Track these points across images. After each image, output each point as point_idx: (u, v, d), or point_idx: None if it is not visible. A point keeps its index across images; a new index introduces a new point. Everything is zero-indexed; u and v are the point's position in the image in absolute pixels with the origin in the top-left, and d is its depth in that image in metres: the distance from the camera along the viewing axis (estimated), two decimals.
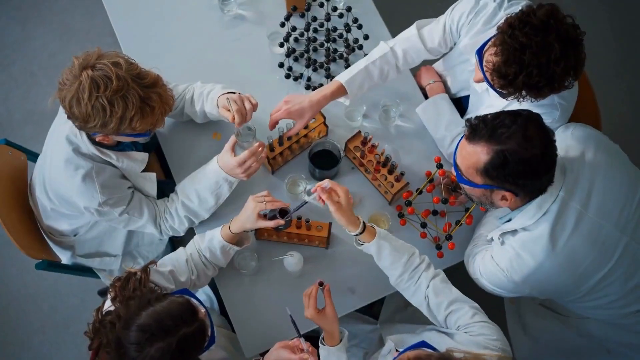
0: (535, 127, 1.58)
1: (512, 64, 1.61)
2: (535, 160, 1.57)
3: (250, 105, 1.98)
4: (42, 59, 3.37)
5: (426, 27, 2.11)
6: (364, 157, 2.12)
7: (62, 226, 2.15)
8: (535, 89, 1.65)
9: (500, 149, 1.57)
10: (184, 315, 1.50)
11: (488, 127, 1.58)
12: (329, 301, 1.82)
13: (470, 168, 1.65)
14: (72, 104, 1.65)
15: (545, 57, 1.59)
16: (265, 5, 2.44)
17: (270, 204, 1.91)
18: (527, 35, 1.59)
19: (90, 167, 1.86)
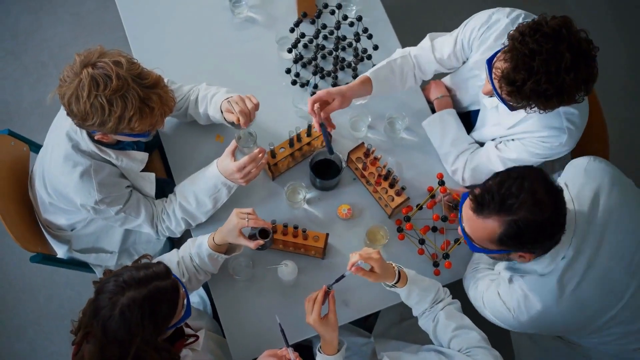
0: (543, 189, 1.51)
1: (521, 70, 1.57)
2: (548, 222, 1.52)
3: (253, 104, 1.97)
4: (53, 49, 3.38)
5: (439, 39, 2.11)
6: (365, 169, 2.10)
7: (59, 220, 2.15)
8: (543, 97, 1.59)
9: (513, 220, 1.50)
10: (157, 270, 1.55)
11: (496, 199, 1.51)
12: (333, 308, 1.79)
13: (483, 240, 1.60)
14: (71, 101, 1.64)
15: (555, 65, 1.54)
16: (276, 9, 2.42)
17: (252, 221, 1.87)
18: (538, 42, 1.55)
19: (88, 164, 1.84)
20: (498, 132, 2.02)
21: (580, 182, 1.75)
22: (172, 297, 1.56)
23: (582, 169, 1.78)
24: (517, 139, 1.94)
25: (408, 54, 2.11)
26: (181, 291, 1.61)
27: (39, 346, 2.89)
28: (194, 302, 2.32)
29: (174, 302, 1.57)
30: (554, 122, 1.82)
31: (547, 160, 1.95)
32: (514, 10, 1.90)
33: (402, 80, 2.11)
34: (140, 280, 1.51)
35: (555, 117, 1.81)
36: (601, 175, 1.75)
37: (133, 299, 1.47)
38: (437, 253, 2.06)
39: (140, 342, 1.49)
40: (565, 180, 1.79)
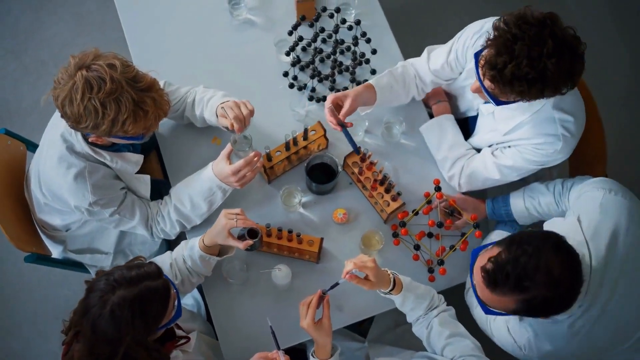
0: (559, 265, 1.45)
1: (503, 54, 1.57)
2: (565, 296, 1.49)
3: (247, 110, 1.96)
4: (54, 48, 3.38)
5: (435, 51, 2.12)
6: (361, 173, 2.09)
7: (54, 221, 2.14)
8: (525, 82, 1.57)
9: (528, 298, 1.46)
10: (148, 270, 1.55)
11: (511, 280, 1.45)
12: (327, 313, 1.78)
13: (498, 308, 1.56)
14: (64, 103, 1.63)
15: (537, 50, 1.54)
16: (275, 11, 2.41)
17: (241, 221, 1.85)
18: (521, 27, 1.56)
19: (83, 166, 1.84)
20: (494, 139, 2.01)
21: (596, 219, 1.67)
22: (163, 297, 1.56)
23: (597, 204, 1.71)
24: (513, 146, 1.93)
25: (409, 64, 2.14)
26: (172, 292, 1.61)
27: (34, 344, 2.89)
28: (188, 304, 2.32)
29: (165, 302, 1.57)
30: (549, 129, 1.81)
31: (544, 167, 1.94)
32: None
33: (405, 88, 2.12)
34: (132, 279, 1.51)
35: (550, 124, 1.80)
36: (618, 212, 1.67)
37: (123, 298, 1.47)
38: (432, 259, 2.05)
39: (130, 341, 1.49)
40: (578, 214, 1.72)
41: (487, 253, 1.54)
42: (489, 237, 2.08)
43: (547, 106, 1.79)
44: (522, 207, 2.02)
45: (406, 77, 2.12)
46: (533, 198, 2.01)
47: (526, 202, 2.02)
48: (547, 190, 1.99)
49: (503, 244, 1.51)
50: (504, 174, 1.99)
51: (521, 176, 2.00)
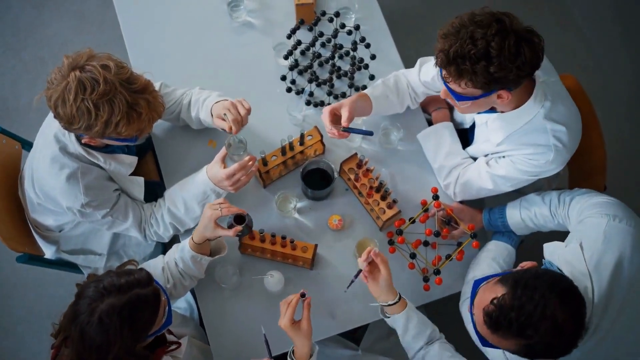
0: (565, 313, 1.42)
1: (449, 37, 1.61)
2: (567, 343, 1.46)
3: (245, 110, 1.94)
4: (54, 46, 3.37)
5: (427, 63, 2.11)
6: (357, 180, 2.07)
7: (47, 221, 2.13)
8: (468, 60, 1.58)
9: (529, 344, 1.44)
10: (138, 277, 1.53)
11: (513, 327, 1.42)
12: (307, 315, 1.76)
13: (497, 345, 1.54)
14: (57, 104, 1.62)
15: (480, 32, 1.57)
16: (275, 14, 2.39)
17: (225, 209, 1.83)
18: (471, 18, 1.61)
19: (76, 167, 1.82)
20: (488, 149, 1.99)
21: (599, 248, 1.63)
22: (153, 305, 1.54)
23: (600, 232, 1.66)
24: (507, 156, 1.91)
25: (401, 74, 2.13)
26: (162, 299, 1.59)
27: (27, 343, 2.87)
28: (180, 307, 2.30)
29: (154, 310, 1.55)
30: (540, 139, 1.79)
31: (540, 178, 1.91)
32: None
33: (399, 97, 2.11)
34: (121, 287, 1.49)
35: (541, 134, 1.78)
36: (622, 240, 1.63)
37: (112, 306, 1.46)
38: (427, 268, 2.03)
39: (118, 349, 1.48)
40: (580, 240, 1.68)
41: (489, 290, 1.51)
42: (486, 247, 2.06)
43: (538, 116, 1.77)
44: (518, 218, 1.99)
45: (400, 87, 2.11)
46: (529, 209, 1.99)
47: (522, 213, 1.99)
48: (542, 202, 1.97)
49: (507, 284, 1.47)
50: (497, 183, 1.97)
51: (515, 187, 1.97)
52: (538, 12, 3.50)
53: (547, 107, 1.76)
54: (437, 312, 2.41)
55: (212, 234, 1.86)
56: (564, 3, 3.56)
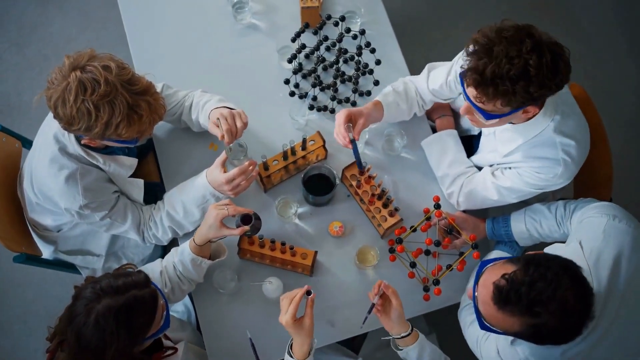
0: (575, 296, 1.40)
1: (483, 57, 1.54)
2: (573, 327, 1.44)
3: (242, 123, 1.92)
4: (58, 43, 3.35)
5: (435, 69, 2.07)
6: (359, 186, 2.05)
7: (45, 221, 2.11)
8: (508, 80, 1.52)
9: (536, 324, 1.41)
10: (135, 279, 1.51)
11: (523, 302, 1.40)
12: (310, 312, 1.71)
13: (497, 326, 1.50)
14: (57, 104, 1.60)
15: (515, 49, 1.51)
16: (280, 16, 2.37)
17: (232, 209, 1.82)
18: (498, 33, 1.55)
19: (75, 168, 1.80)
20: (494, 159, 1.97)
21: (598, 246, 1.62)
22: (150, 307, 1.52)
23: (600, 230, 1.65)
24: (514, 168, 1.89)
25: (409, 81, 2.10)
26: (160, 302, 1.57)
27: (23, 343, 2.86)
28: (178, 310, 2.28)
29: (152, 313, 1.53)
30: (549, 152, 1.76)
31: (546, 191, 1.89)
32: None
33: (408, 104, 2.08)
34: (118, 288, 1.47)
35: (550, 148, 1.75)
36: (621, 239, 1.62)
37: (109, 307, 1.44)
38: (428, 277, 2.00)
39: (114, 352, 1.45)
40: (580, 239, 1.67)
41: (497, 269, 1.48)
42: (488, 256, 2.04)
43: (548, 129, 1.74)
44: (523, 228, 1.97)
45: (409, 94, 2.09)
46: (534, 219, 1.96)
47: (527, 223, 1.97)
48: (549, 212, 1.94)
49: (519, 263, 1.45)
50: (502, 195, 1.94)
51: (520, 199, 1.95)
52: (546, 21, 3.48)
53: (557, 120, 1.73)
54: (437, 322, 2.40)
55: (216, 234, 1.84)
56: (571, 11, 3.53)
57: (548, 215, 1.94)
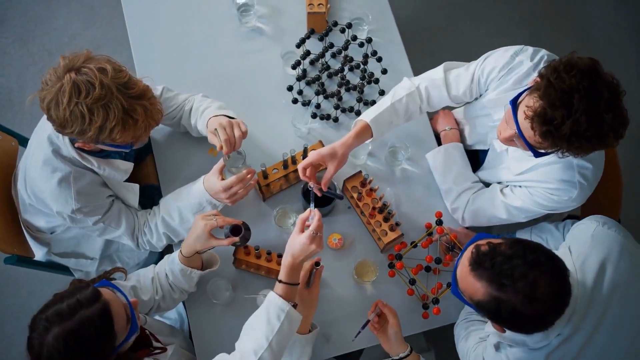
0: (548, 287, 1.36)
1: (559, 108, 1.43)
2: (534, 319, 1.39)
3: (240, 132, 1.86)
4: (62, 39, 3.31)
5: (454, 72, 1.94)
6: (360, 199, 1.99)
7: (38, 222, 2.06)
8: (583, 138, 1.44)
9: (497, 297, 1.38)
10: (81, 298, 1.41)
11: (494, 269, 1.38)
12: (317, 282, 1.80)
13: (465, 291, 1.49)
14: (50, 106, 1.55)
15: (594, 103, 1.42)
16: (285, 21, 2.32)
17: (221, 220, 1.77)
18: (575, 77, 1.43)
19: (68, 171, 1.76)
20: (505, 177, 1.91)
21: (586, 250, 1.60)
22: (103, 323, 1.43)
23: (588, 235, 1.63)
24: (525, 187, 1.82)
25: (416, 88, 1.94)
26: (117, 309, 1.47)
27: (15, 342, 2.82)
28: (171, 318, 2.23)
29: (107, 327, 1.44)
30: (565, 174, 1.69)
31: (554, 212, 1.83)
32: (537, 52, 1.77)
33: (405, 117, 1.97)
34: (63, 313, 1.39)
35: (567, 170, 1.69)
36: (609, 244, 1.60)
37: (57, 338, 1.36)
38: (427, 295, 1.94)
39: None
40: (569, 244, 1.65)
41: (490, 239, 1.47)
42: None
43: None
44: None
45: (410, 106, 1.94)
46: (541, 238, 1.92)
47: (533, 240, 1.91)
48: (557, 231, 1.89)
49: (509, 239, 1.44)
50: (511, 214, 1.88)
51: (529, 218, 1.89)
52: (558, 32, 3.41)
53: None
54: (436, 339, 2.34)
55: (203, 246, 1.79)
56: (584, 24, 3.46)
57: (556, 234, 1.89)
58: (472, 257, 1.43)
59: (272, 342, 1.61)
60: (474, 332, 1.83)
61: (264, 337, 1.61)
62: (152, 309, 1.88)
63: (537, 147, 1.56)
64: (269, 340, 1.60)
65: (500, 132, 1.68)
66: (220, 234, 1.86)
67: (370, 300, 1.98)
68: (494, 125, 1.90)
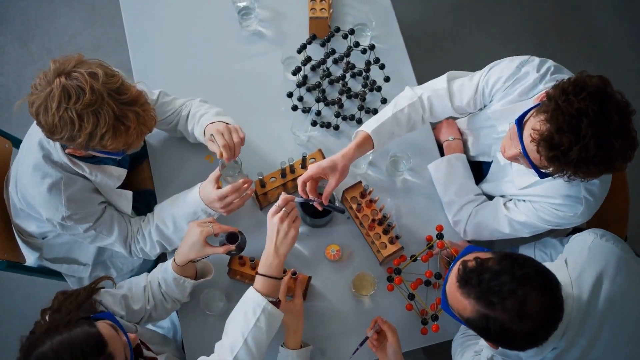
0: (538, 304, 1.31)
1: (566, 133, 1.37)
2: (524, 336, 1.34)
3: (238, 138, 1.81)
4: (63, 38, 3.27)
5: (457, 82, 1.88)
6: (360, 210, 1.94)
7: (30, 227, 2.01)
8: (591, 164, 1.40)
9: (486, 315, 1.34)
10: (86, 350, 1.37)
11: (481, 287, 1.33)
12: (299, 292, 1.78)
13: (454, 307, 1.44)
14: (39, 111, 1.50)
15: (603, 128, 1.36)
16: (287, 25, 2.27)
17: (217, 227, 1.73)
18: (584, 101, 1.37)
19: (59, 177, 1.71)
20: (509, 191, 1.85)
21: (582, 262, 1.55)
22: None
23: (586, 247, 1.58)
24: (530, 201, 1.77)
25: (419, 97, 1.88)
26: (113, 347, 1.42)
27: (6, 346, 2.77)
28: (164, 327, 2.18)
29: None
30: (571, 190, 1.64)
31: (559, 228, 1.77)
32: (544, 63, 1.71)
33: (408, 129, 1.91)
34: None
35: (573, 185, 1.62)
36: (606, 257, 1.55)
37: None
38: (426, 310, 1.89)
39: None
40: (566, 257, 1.60)
41: (478, 254, 1.42)
42: None
43: None
44: None
45: (412, 116, 1.88)
46: (545, 253, 1.87)
47: (537, 256, 1.89)
48: (561, 246, 1.86)
49: (497, 253, 1.40)
50: (515, 229, 1.82)
51: (533, 233, 1.83)
52: (566, 43, 3.35)
53: None
54: (434, 353, 2.29)
55: (198, 254, 1.75)
56: (590, 30, 3.40)
57: (560, 249, 1.85)
58: (459, 273, 1.39)
59: (247, 339, 1.58)
60: (469, 346, 1.79)
61: (240, 333, 1.59)
62: (143, 319, 1.83)
63: (542, 168, 1.51)
64: (244, 337, 1.58)
65: (504, 149, 1.62)
66: (215, 243, 1.82)
67: (368, 314, 1.93)
68: (499, 137, 1.85)
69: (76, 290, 1.64)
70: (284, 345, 1.75)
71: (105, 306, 1.67)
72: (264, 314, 1.60)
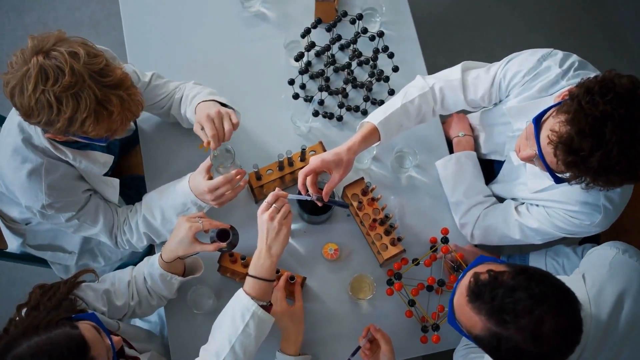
0: (554, 325, 1.21)
1: (588, 137, 1.26)
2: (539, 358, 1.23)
3: (230, 125, 1.69)
4: (60, 12, 3.15)
5: (473, 73, 1.76)
6: (361, 208, 1.82)
7: (12, 212, 1.92)
8: (612, 172, 1.29)
9: (497, 334, 1.23)
10: (66, 354, 1.28)
11: (494, 303, 1.23)
12: (299, 296, 1.73)
13: (462, 322, 1.34)
14: (14, 92, 1.38)
15: (629, 134, 1.25)
16: (292, 7, 2.13)
17: (207, 223, 1.63)
18: (611, 103, 1.26)
19: (39, 162, 1.59)
20: (521, 193, 1.73)
21: (603, 279, 1.45)
22: None
23: (606, 262, 1.48)
24: (543, 206, 1.65)
25: (430, 88, 1.76)
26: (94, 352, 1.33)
27: None
28: (151, 321, 2.08)
29: None
30: (589, 196, 1.52)
31: (573, 236, 1.65)
32: (568, 57, 1.58)
33: (417, 121, 1.79)
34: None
35: (591, 192, 1.49)
36: (629, 275, 1.45)
37: None
38: (427, 318, 1.78)
39: None
40: (584, 271, 1.49)
41: (491, 265, 1.33)
42: None
43: None
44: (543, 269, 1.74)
45: (423, 108, 1.76)
46: (557, 261, 1.77)
47: (548, 264, 1.79)
48: (574, 255, 1.75)
49: (512, 267, 1.29)
50: (526, 235, 1.71)
51: (545, 240, 1.72)
52: (591, 38, 3.19)
53: None
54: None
55: (187, 251, 1.64)
56: (618, 28, 3.24)
57: (573, 258, 1.75)
58: (469, 287, 1.29)
59: (234, 345, 1.49)
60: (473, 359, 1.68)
61: (227, 339, 1.50)
62: (126, 315, 1.74)
63: (558, 173, 1.39)
64: (232, 343, 1.49)
65: (519, 149, 1.50)
66: (205, 238, 1.70)
67: (365, 319, 1.83)
68: (513, 136, 1.72)
69: (55, 284, 1.53)
70: (281, 351, 1.67)
71: (86, 302, 1.57)
72: (253, 319, 1.50)
